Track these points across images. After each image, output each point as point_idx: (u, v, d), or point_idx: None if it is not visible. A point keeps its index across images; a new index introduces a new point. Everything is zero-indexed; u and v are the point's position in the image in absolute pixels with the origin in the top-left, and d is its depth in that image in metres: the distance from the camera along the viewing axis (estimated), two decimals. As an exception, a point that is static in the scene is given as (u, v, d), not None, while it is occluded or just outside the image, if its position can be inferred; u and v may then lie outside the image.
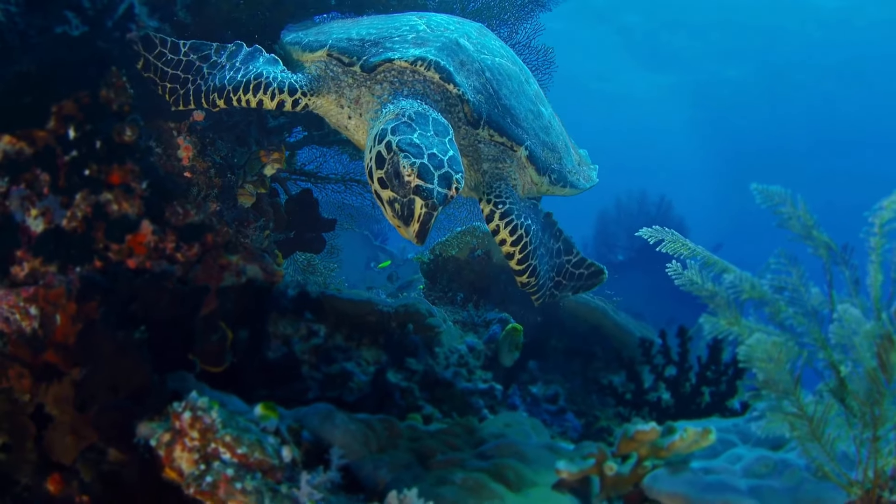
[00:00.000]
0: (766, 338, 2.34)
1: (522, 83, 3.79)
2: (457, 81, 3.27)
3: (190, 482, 2.38)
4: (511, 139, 3.46)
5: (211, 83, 3.21)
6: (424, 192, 2.78)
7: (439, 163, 2.85)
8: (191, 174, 3.29)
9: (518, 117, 3.57)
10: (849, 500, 2.47)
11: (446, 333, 4.50)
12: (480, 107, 3.36)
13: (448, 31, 3.54)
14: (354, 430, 2.84)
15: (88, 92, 3.07)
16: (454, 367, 4.24)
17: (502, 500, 2.60)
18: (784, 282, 2.53)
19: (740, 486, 2.51)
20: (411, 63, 3.24)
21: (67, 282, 3.00)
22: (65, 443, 3.04)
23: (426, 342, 4.39)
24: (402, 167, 2.81)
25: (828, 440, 2.47)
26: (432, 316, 4.45)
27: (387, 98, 3.27)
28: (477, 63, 3.48)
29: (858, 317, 2.32)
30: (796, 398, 2.43)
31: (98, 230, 3.09)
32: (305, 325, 4.27)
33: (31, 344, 3.00)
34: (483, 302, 5.13)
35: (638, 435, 2.59)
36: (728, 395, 3.84)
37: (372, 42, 3.38)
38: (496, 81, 3.52)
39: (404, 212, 2.83)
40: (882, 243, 2.33)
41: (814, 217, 2.57)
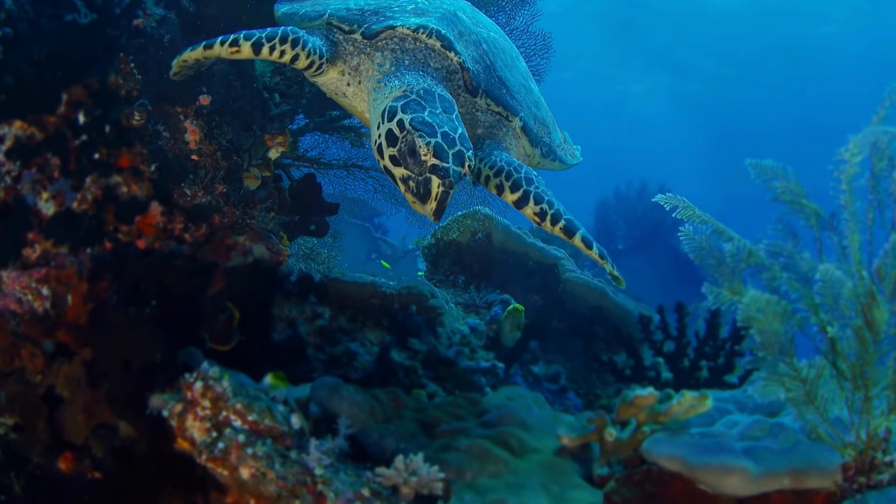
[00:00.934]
0: (760, 295, 2.42)
1: (515, 58, 3.88)
2: (457, 49, 3.34)
3: (202, 449, 2.46)
4: (507, 109, 3.54)
5: (242, 34, 3.22)
6: (441, 171, 2.83)
7: (452, 141, 2.89)
8: (198, 157, 3.37)
9: (512, 90, 3.65)
10: (843, 461, 2.55)
11: (448, 315, 4.58)
12: (479, 76, 3.43)
13: (445, 4, 3.61)
14: (361, 401, 2.92)
15: (97, 78, 3.14)
16: (457, 347, 4.32)
17: (506, 464, 2.68)
18: (779, 248, 2.61)
19: (736, 447, 2.59)
20: (413, 31, 3.30)
21: (79, 262, 3.07)
22: (76, 422, 3.12)
23: (429, 323, 4.47)
24: (419, 146, 2.85)
25: (821, 402, 2.56)
26: (434, 297, 4.52)
27: (388, 68, 3.32)
28: (474, 35, 3.56)
29: (839, 276, 2.41)
30: (790, 360, 2.52)
31: (108, 212, 3.16)
32: (310, 308, 4.35)
33: (44, 324, 3.07)
34: (484, 285, 5.20)
35: (637, 400, 2.68)
36: (726, 370, 3.92)
37: (371, 11, 3.44)
38: (492, 54, 3.60)
39: (420, 189, 2.88)
40: (852, 201, 2.41)
41: (803, 188, 2.65)
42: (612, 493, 2.55)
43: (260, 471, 2.39)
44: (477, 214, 5.51)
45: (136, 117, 3.19)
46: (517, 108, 3.61)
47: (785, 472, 2.52)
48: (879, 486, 2.52)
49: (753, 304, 2.47)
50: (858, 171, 2.42)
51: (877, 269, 2.43)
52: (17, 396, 3.15)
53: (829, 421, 2.58)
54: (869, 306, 2.44)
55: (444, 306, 4.53)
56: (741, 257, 2.65)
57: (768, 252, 2.61)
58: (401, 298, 4.47)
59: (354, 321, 4.46)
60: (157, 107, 3.33)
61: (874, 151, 2.48)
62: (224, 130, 3.46)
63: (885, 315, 2.43)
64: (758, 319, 2.49)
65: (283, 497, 2.40)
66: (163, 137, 3.30)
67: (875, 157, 2.49)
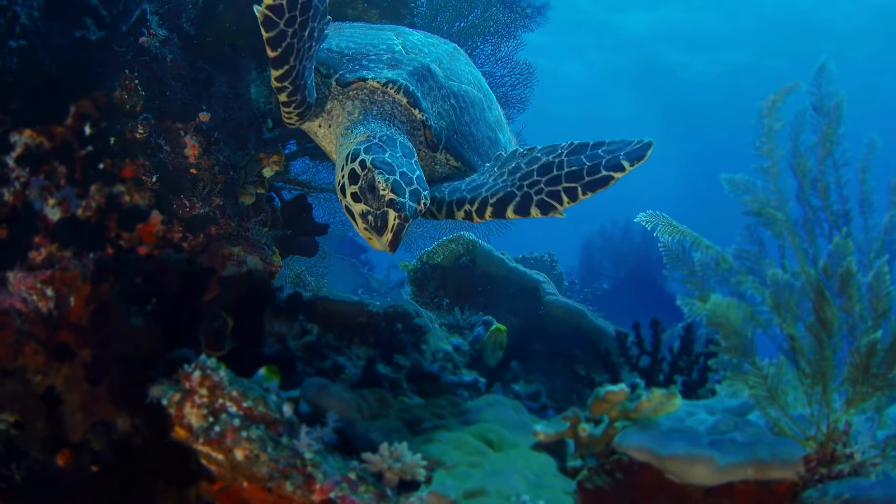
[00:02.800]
0: (722, 299, 2.60)
1: (484, 109, 4.02)
2: (422, 107, 3.51)
3: (199, 434, 2.60)
4: (465, 164, 3.69)
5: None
6: (398, 205, 2.99)
7: (409, 180, 3.07)
8: (196, 171, 3.54)
9: (476, 143, 3.80)
10: (805, 454, 2.69)
11: (433, 334, 4.73)
12: (441, 132, 3.59)
13: (421, 55, 3.77)
14: (348, 398, 3.07)
15: (104, 92, 3.33)
16: (440, 363, 4.47)
17: (485, 456, 2.83)
18: (745, 253, 2.80)
19: (703, 440, 2.73)
20: (383, 85, 3.47)
21: (82, 266, 3.23)
22: (74, 419, 3.25)
23: (414, 342, 4.62)
24: (377, 182, 3.02)
25: (783, 398, 2.72)
26: (419, 316, 4.68)
27: (357, 116, 3.49)
28: (444, 89, 3.71)
29: (787, 278, 2.60)
30: (753, 359, 2.69)
31: (111, 219, 3.33)
32: (299, 325, 4.49)
33: (47, 323, 3.22)
34: (468, 307, 5.36)
35: (608, 395, 2.83)
36: (699, 385, 4.08)
37: (350, 57, 3.60)
38: (459, 109, 3.75)
39: (378, 223, 3.04)
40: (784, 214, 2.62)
41: (768, 196, 2.85)
42: (584, 481, 2.69)
43: (253, 453, 2.53)
44: (461, 239, 5.69)
45: (140, 130, 3.38)
46: (477, 163, 3.73)
47: (749, 463, 2.64)
48: (840, 477, 2.66)
49: (717, 308, 2.65)
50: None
51: (823, 268, 2.62)
52: (18, 395, 3.28)
53: (791, 416, 2.74)
54: (820, 304, 2.62)
55: (428, 325, 4.69)
56: (712, 265, 2.85)
57: (735, 256, 2.80)
58: (387, 317, 4.62)
59: (342, 338, 4.60)
60: (159, 122, 3.51)
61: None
62: (221, 147, 3.63)
63: (836, 312, 2.61)
64: (721, 323, 2.67)
65: (274, 478, 2.54)
66: (164, 151, 3.48)
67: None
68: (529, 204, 3.15)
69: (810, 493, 2.61)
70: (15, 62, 3.05)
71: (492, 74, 5.77)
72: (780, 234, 2.81)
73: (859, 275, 2.61)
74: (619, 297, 14.13)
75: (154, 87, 3.51)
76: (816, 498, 2.58)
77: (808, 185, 2.80)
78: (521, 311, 5.33)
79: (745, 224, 2.85)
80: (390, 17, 4.48)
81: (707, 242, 2.84)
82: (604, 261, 15.37)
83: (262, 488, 2.59)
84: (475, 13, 5.38)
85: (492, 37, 5.54)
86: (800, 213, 2.78)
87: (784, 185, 2.73)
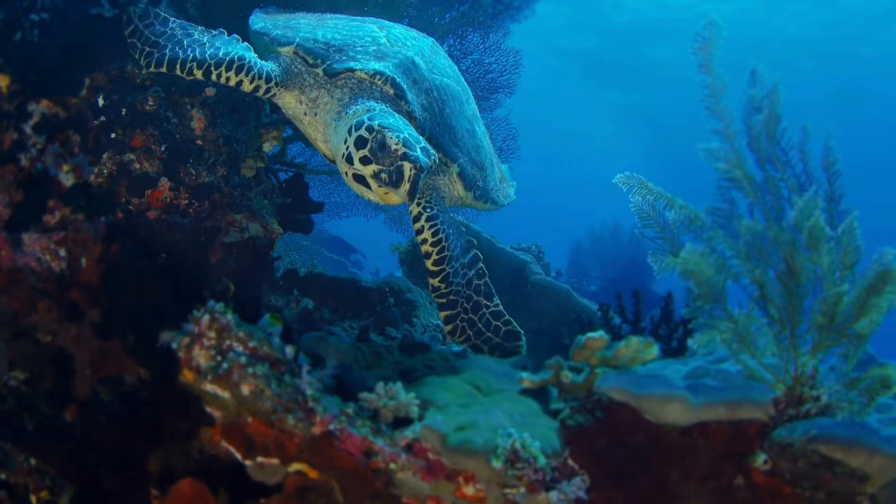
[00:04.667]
0: (695, 248, 2.81)
1: (463, 103, 4.15)
2: (408, 98, 3.63)
3: (207, 372, 2.78)
4: (447, 155, 3.81)
5: (191, 54, 3.44)
6: (412, 158, 3.13)
7: (417, 139, 3.24)
8: (202, 142, 3.75)
9: (455, 135, 3.92)
10: (774, 396, 2.89)
11: (423, 309, 4.93)
12: (425, 123, 3.70)
13: (405, 48, 3.87)
14: (345, 348, 3.27)
15: (117, 66, 3.54)
16: (431, 333, 4.67)
17: (474, 398, 3.03)
18: (717, 210, 3.01)
19: (678, 384, 2.94)
20: (371, 76, 3.58)
21: (94, 228, 3.42)
22: (83, 376, 3.41)
23: (405, 315, 4.82)
24: (389, 140, 3.16)
25: (752, 342, 2.92)
26: (411, 292, 4.89)
27: (348, 101, 3.60)
28: (427, 82, 3.83)
29: (760, 229, 2.81)
30: (724, 305, 2.90)
31: (121, 185, 3.53)
32: (295, 300, 4.70)
33: (59, 282, 3.40)
34: (458, 286, 5.56)
35: (589, 342, 3.04)
36: (679, 352, 4.27)
37: (336, 48, 3.68)
38: (441, 101, 3.88)
39: (393, 177, 3.15)
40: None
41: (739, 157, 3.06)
42: (566, 419, 2.89)
43: (259, 388, 2.72)
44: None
45: (150, 103, 3.59)
46: (457, 154, 3.87)
47: (721, 403, 2.83)
48: (808, 416, 2.83)
49: (690, 257, 2.86)
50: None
51: (794, 222, 2.83)
52: (29, 355, 3.44)
53: (761, 361, 2.93)
54: (791, 255, 2.83)
55: (419, 300, 4.89)
56: (685, 222, 3.06)
57: (708, 213, 3.01)
58: (379, 292, 4.83)
59: (336, 313, 4.81)
60: (168, 96, 3.72)
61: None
62: (225, 121, 3.84)
63: (805, 261, 2.82)
64: (694, 271, 2.87)
65: (277, 412, 2.73)
66: (172, 123, 3.69)
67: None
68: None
69: (779, 431, 2.80)
70: (36, 34, 3.25)
71: (481, 62, 6.03)
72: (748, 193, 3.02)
73: (827, 229, 2.81)
74: (607, 298, 14.25)
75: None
76: (785, 436, 2.77)
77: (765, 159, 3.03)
78: (509, 290, 5.52)
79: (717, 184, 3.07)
80: (385, 6, 4.70)
81: (681, 202, 3.05)
82: (592, 263, 15.56)
83: (265, 423, 2.78)
84: (466, 4, 5.64)
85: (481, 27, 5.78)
86: (761, 177, 3.00)
87: (741, 146, 2.94)
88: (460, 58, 5.97)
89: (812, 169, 3.02)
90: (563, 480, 2.78)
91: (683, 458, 2.87)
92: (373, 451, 2.73)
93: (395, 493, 2.85)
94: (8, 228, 3.32)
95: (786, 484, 2.81)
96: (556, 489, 2.74)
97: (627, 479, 2.85)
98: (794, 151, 3.02)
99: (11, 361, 3.42)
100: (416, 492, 2.79)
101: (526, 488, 2.66)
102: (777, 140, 3.00)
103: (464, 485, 2.71)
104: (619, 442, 2.87)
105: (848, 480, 2.71)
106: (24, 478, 3.20)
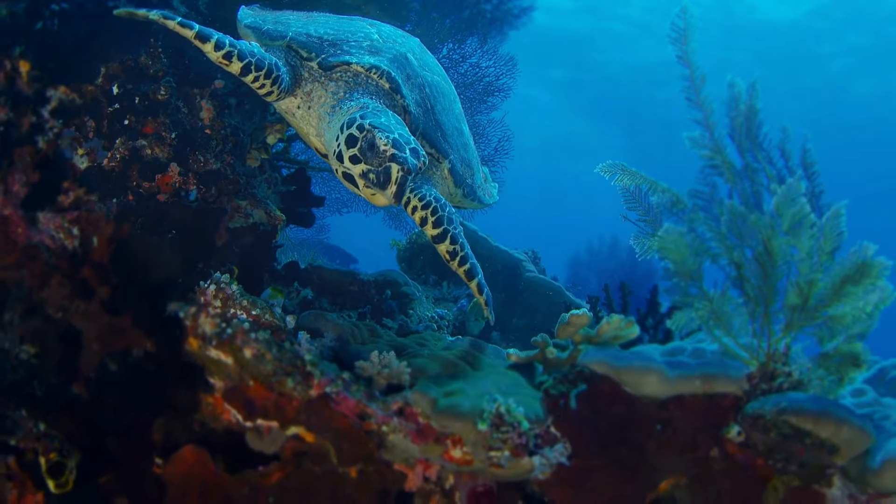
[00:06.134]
0: (673, 228, 2.97)
1: (451, 101, 4.19)
2: (403, 93, 3.66)
3: (212, 338, 2.96)
4: (439, 151, 3.86)
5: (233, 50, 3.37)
6: (399, 159, 3.14)
7: (407, 140, 3.24)
8: (210, 131, 3.93)
9: (446, 133, 3.96)
10: (748, 371, 3.02)
11: (419, 302, 5.10)
12: (418, 119, 3.74)
13: (397, 44, 3.91)
14: (343, 324, 3.44)
15: (131, 56, 3.73)
16: (426, 324, 4.83)
17: (463, 370, 3.19)
18: (698, 193, 3.17)
19: (656, 359, 3.10)
20: (367, 69, 3.60)
21: (106, 208, 3.60)
22: (91, 351, 3.56)
23: (401, 307, 4.99)
24: (378, 140, 3.17)
25: (727, 320, 3.07)
26: (407, 285, 5.05)
27: (343, 95, 3.59)
28: (419, 78, 3.86)
29: (743, 211, 2.97)
30: (699, 284, 3.06)
31: (133, 169, 3.71)
32: (295, 290, 4.87)
33: (72, 259, 3.57)
34: (454, 282, 5.74)
35: (572, 319, 3.20)
36: (664, 343, 4.43)
37: (330, 42, 3.69)
38: (433, 98, 3.92)
39: (381, 178, 3.17)
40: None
41: (719, 145, 3.23)
42: (549, 388, 3.05)
43: (260, 351, 2.89)
44: (449, 221, 6.06)
45: (162, 92, 3.78)
46: (448, 151, 3.92)
47: (697, 376, 2.96)
48: (780, 391, 2.96)
49: (667, 236, 3.02)
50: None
51: (775, 207, 2.98)
52: (39, 331, 3.60)
53: (737, 339, 3.07)
54: (769, 238, 2.98)
55: (415, 293, 5.06)
56: (667, 205, 3.22)
57: (690, 196, 3.17)
58: (377, 284, 5.00)
59: (335, 304, 4.97)
60: (178, 86, 3.91)
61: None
62: (233, 112, 4.03)
63: (783, 245, 2.96)
64: (670, 250, 3.03)
65: (277, 375, 2.90)
66: (182, 112, 3.88)
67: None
68: (483, 288, 3.66)
69: (752, 404, 2.93)
70: (56, 23, 3.45)
71: (478, 65, 6.25)
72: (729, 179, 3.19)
73: (812, 215, 2.94)
74: (604, 311, 14.36)
75: (175, 56, 3.91)
76: (757, 408, 2.91)
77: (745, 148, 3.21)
78: (503, 288, 5.70)
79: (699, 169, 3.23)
80: (388, 11, 4.90)
81: (664, 186, 3.22)
82: (590, 276, 15.72)
83: (265, 387, 2.94)
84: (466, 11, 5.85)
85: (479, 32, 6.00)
86: (741, 164, 3.17)
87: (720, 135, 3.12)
88: (459, 61, 6.20)
89: (793, 166, 3.19)
90: (546, 446, 2.94)
91: (661, 430, 3.02)
92: (366, 413, 2.89)
93: (387, 458, 3.01)
94: (24, 207, 3.49)
95: (759, 456, 2.93)
96: (539, 454, 2.91)
97: (607, 448, 3.00)
98: (774, 148, 3.19)
99: (22, 336, 3.58)
100: (407, 454, 2.95)
101: (510, 451, 2.82)
102: (754, 133, 3.17)
103: (451, 448, 2.87)
104: (599, 412, 3.03)
105: (818, 452, 2.83)
106: (33, 443, 3.34)
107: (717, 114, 3.16)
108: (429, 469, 2.98)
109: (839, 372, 3.03)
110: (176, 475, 3.19)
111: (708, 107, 3.12)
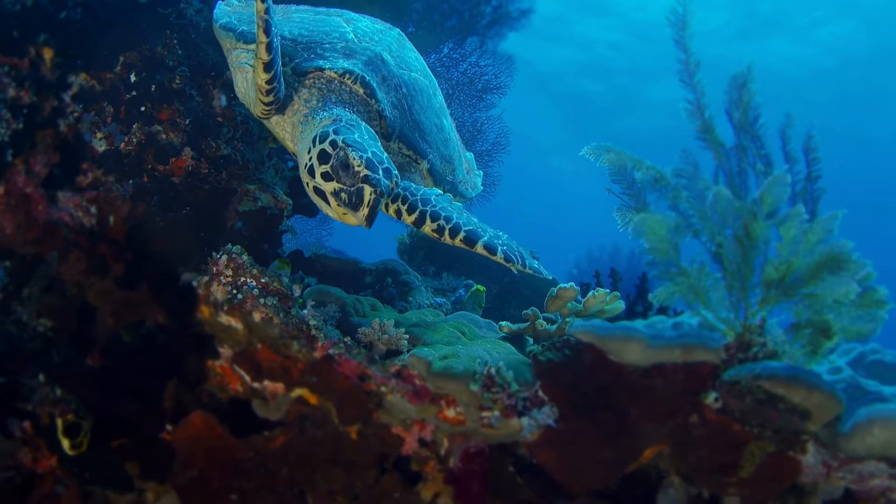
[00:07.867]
0: (651, 214, 3.16)
1: (430, 97, 4.13)
2: (378, 98, 3.59)
3: (224, 303, 3.16)
4: (417, 153, 3.84)
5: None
6: (373, 181, 3.05)
7: (380, 160, 3.14)
8: (222, 119, 4.15)
9: (424, 132, 3.91)
10: (725, 342, 3.19)
11: (418, 291, 5.29)
12: (395, 122, 3.69)
13: (373, 43, 3.85)
14: (346, 297, 3.64)
15: (148, 47, 3.96)
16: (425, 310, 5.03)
17: (458, 339, 3.39)
18: (682, 171, 3.34)
19: (641, 330, 3.28)
20: (340, 75, 3.53)
21: (123, 188, 3.81)
22: (105, 324, 3.75)
23: (401, 295, 5.19)
24: (352, 159, 3.07)
25: (706, 295, 3.25)
26: (407, 274, 5.26)
27: (315, 103, 3.52)
28: (396, 78, 3.80)
29: (728, 195, 3.15)
30: (677, 260, 3.24)
31: (149, 153, 3.92)
32: (299, 278, 5.07)
33: (90, 236, 3.77)
34: (452, 274, 5.95)
35: (561, 292, 3.40)
36: (651, 329, 4.62)
37: (304, 45, 3.65)
38: (409, 97, 3.86)
39: (352, 199, 3.08)
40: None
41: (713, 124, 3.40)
42: (538, 355, 3.24)
43: (269, 316, 3.09)
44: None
45: (177, 81, 4.00)
46: (427, 151, 3.88)
47: (677, 346, 3.11)
48: (755, 360, 3.12)
49: (645, 222, 3.17)
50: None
51: (760, 195, 3.13)
52: (55, 306, 3.79)
53: (715, 313, 3.25)
54: (750, 221, 3.14)
55: (415, 282, 5.26)
56: (651, 182, 3.40)
57: (673, 174, 3.35)
58: (378, 272, 5.20)
59: (337, 290, 5.17)
60: (192, 76, 4.13)
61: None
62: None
63: (763, 229, 3.09)
64: (646, 232, 3.21)
65: (283, 338, 3.09)
66: (196, 100, 4.09)
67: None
68: (496, 247, 3.33)
69: (728, 372, 3.11)
70: (78, 13, 3.67)
71: (478, 64, 6.50)
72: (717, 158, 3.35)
73: (801, 206, 3.08)
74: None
75: (190, 48, 4.14)
76: (733, 374, 3.07)
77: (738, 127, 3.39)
78: (500, 280, 5.91)
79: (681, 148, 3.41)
80: (390, 10, 5.12)
81: (648, 164, 3.40)
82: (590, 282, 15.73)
83: (272, 350, 3.14)
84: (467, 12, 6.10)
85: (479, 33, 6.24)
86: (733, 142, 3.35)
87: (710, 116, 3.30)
88: (459, 60, 6.44)
89: (792, 150, 3.36)
90: (535, 408, 3.13)
91: (643, 395, 3.20)
92: (367, 375, 3.09)
93: (385, 421, 3.20)
94: (45, 186, 3.70)
95: (735, 421, 3.11)
96: (528, 415, 3.10)
97: (592, 413, 3.19)
98: (775, 133, 3.35)
99: (38, 311, 3.77)
100: (404, 415, 3.14)
101: (500, 412, 3.01)
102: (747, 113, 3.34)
103: (446, 408, 3.07)
104: (585, 378, 3.21)
105: (791, 417, 2.98)
106: (49, 408, 3.52)
107: (707, 96, 3.33)
108: (424, 430, 3.17)
109: (811, 343, 3.19)
110: (185, 439, 3.39)
111: (700, 89, 3.30)
